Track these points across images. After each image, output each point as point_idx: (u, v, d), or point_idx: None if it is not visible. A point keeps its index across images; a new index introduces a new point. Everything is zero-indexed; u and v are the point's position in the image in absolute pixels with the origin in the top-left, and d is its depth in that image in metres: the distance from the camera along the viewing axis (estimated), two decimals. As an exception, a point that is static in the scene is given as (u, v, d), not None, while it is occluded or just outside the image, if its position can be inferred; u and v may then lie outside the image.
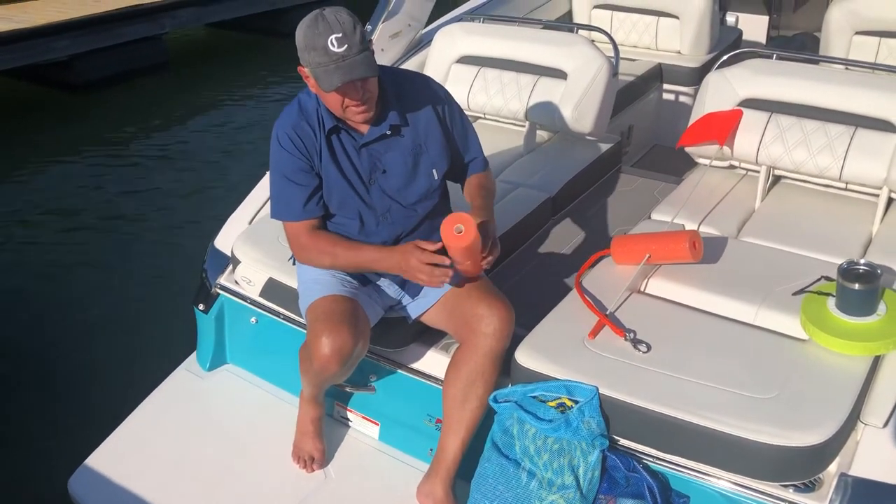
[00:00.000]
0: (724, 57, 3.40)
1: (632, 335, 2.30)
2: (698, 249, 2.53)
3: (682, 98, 4.75)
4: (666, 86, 4.80)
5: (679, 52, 4.86)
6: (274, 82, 9.06)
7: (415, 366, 2.61)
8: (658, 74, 4.75)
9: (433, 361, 2.58)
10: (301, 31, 2.17)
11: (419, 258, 2.23)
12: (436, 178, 2.47)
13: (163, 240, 5.57)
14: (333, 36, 2.12)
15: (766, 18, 6.12)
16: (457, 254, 2.22)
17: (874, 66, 3.43)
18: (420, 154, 2.43)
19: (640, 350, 2.25)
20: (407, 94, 2.42)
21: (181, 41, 10.28)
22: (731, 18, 6.00)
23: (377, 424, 2.71)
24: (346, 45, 2.12)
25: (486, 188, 2.56)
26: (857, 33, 4.23)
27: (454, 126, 2.51)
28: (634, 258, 2.59)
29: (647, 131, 4.70)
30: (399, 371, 2.63)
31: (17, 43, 8.26)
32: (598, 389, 2.15)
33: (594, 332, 2.33)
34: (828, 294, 2.33)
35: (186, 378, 3.04)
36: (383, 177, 2.40)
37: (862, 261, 2.28)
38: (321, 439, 2.64)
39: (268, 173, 3.35)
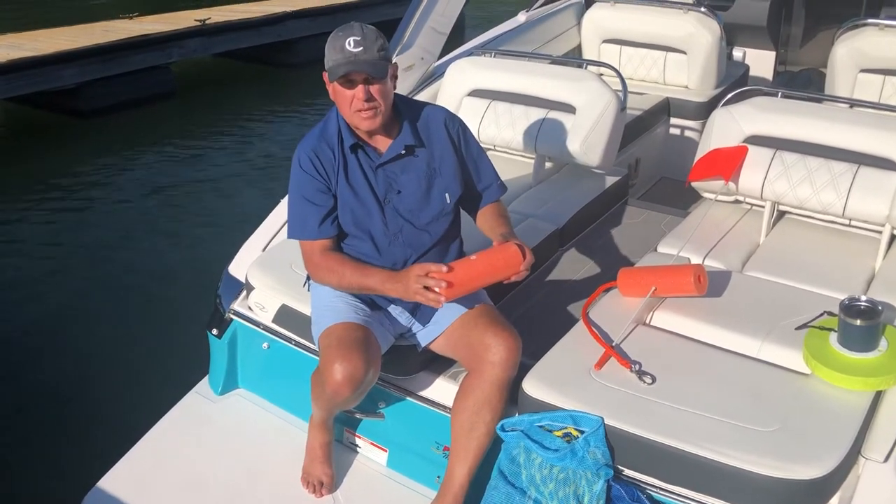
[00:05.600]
0: (730, 94, 3.46)
1: (637, 367, 2.34)
2: (703, 283, 2.58)
3: (688, 132, 4.81)
4: (673, 120, 4.87)
5: (686, 87, 4.93)
6: (280, 112, 9.18)
7: (424, 393, 2.66)
8: (665, 108, 4.82)
9: (442, 389, 2.63)
10: (329, 37, 2.35)
11: (418, 280, 2.27)
12: (448, 201, 2.55)
13: (176, 265, 5.64)
14: (352, 38, 2.30)
15: (773, 54, 6.21)
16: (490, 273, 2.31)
17: (878, 106, 3.49)
18: (434, 177, 2.52)
19: (645, 381, 2.29)
20: (423, 120, 2.52)
21: (188, 70, 10.42)
22: (738, 54, 6.09)
23: (385, 451, 2.74)
24: (361, 48, 2.30)
25: (505, 216, 2.65)
26: (862, 71, 4.30)
27: (468, 154, 2.61)
28: (640, 291, 2.65)
29: (654, 164, 4.76)
30: (408, 398, 2.68)
31: (27, 70, 8.43)
32: (603, 420, 2.19)
33: (600, 364, 2.37)
34: (830, 329, 2.38)
35: (198, 402, 3.08)
36: (398, 197, 2.49)
37: (863, 297, 2.32)
38: (330, 464, 2.68)
39: (282, 201, 3.45)
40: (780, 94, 3.28)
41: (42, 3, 14.84)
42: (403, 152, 2.48)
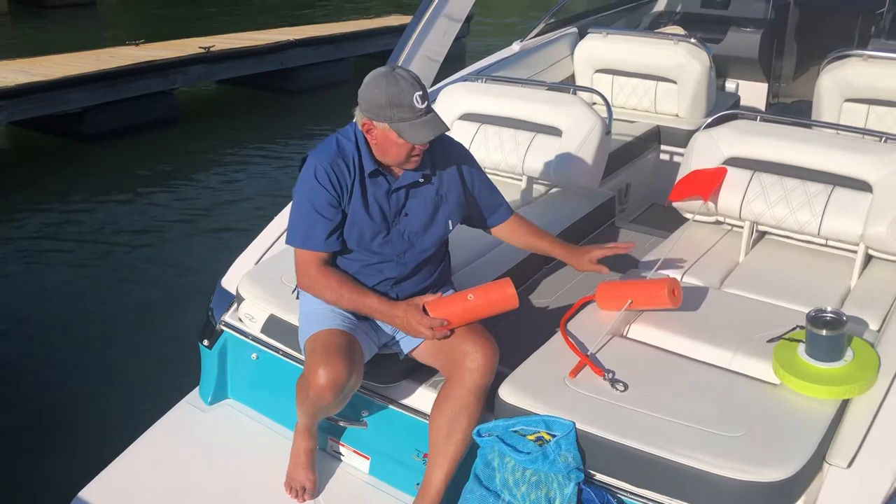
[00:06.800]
0: (710, 119, 3.56)
1: (611, 375, 2.41)
2: (677, 296, 2.66)
3: (678, 159, 4.89)
4: (664, 147, 4.97)
5: (677, 115, 5.04)
6: (281, 138, 9.32)
7: (405, 402, 2.72)
8: (656, 136, 4.92)
9: (423, 398, 2.69)
10: (380, 89, 2.36)
11: (420, 321, 2.44)
12: (450, 227, 2.66)
13: (171, 281, 5.75)
14: (417, 93, 2.36)
15: (765, 86, 6.34)
16: (486, 308, 2.50)
17: (852, 130, 3.58)
18: (440, 204, 2.62)
19: (617, 389, 2.36)
20: (435, 148, 2.60)
21: (191, 96, 10.57)
22: (731, 85, 6.22)
23: (367, 458, 2.80)
24: (426, 102, 2.38)
25: (534, 225, 2.87)
26: (847, 100, 4.40)
27: (474, 183, 2.73)
28: (617, 304, 2.72)
29: (644, 190, 4.84)
30: (390, 407, 2.74)
31: (34, 94, 8.55)
32: (574, 424, 2.25)
33: (575, 372, 2.44)
34: (799, 341, 2.45)
35: (188, 411, 3.15)
36: (405, 219, 2.58)
37: (829, 308, 2.39)
38: (313, 470, 2.74)
39: (274, 219, 3.54)
40: (758, 117, 3.37)
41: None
42: (422, 181, 2.57)
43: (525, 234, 2.86)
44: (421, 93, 2.37)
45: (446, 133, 2.48)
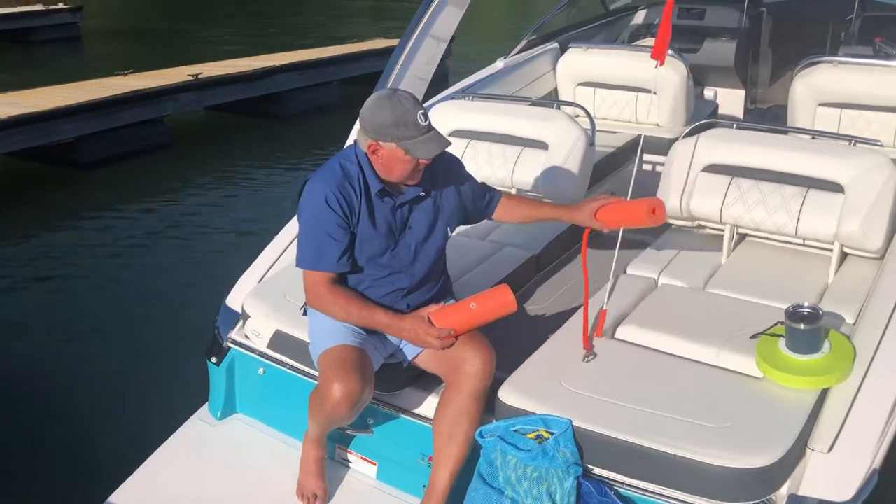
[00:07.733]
0: (689, 128, 3.71)
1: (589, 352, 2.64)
2: (658, 214, 2.79)
3: (660, 168, 5.04)
4: (646, 156, 5.11)
5: (657, 125, 5.19)
6: (270, 161, 9.46)
7: (409, 408, 2.84)
8: (638, 145, 5.06)
9: (426, 404, 2.81)
10: (385, 111, 2.50)
11: (427, 332, 2.57)
12: (449, 235, 2.82)
13: (172, 302, 5.85)
14: (420, 112, 2.52)
15: (742, 93, 6.51)
16: (487, 314, 2.63)
17: (824, 135, 3.74)
18: (439, 213, 2.77)
19: (587, 360, 2.60)
20: (434, 162, 2.71)
21: (182, 123, 10.68)
22: (709, 93, 6.40)
23: (375, 464, 2.92)
24: (428, 120, 2.54)
25: (525, 198, 3.05)
26: (820, 105, 4.56)
27: (467, 185, 2.87)
28: (613, 224, 2.90)
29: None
30: (395, 413, 2.86)
31: (26, 126, 8.64)
32: (571, 422, 2.39)
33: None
34: (779, 336, 2.59)
35: (199, 426, 3.26)
36: (410, 232, 2.72)
37: (806, 304, 2.54)
38: (323, 478, 2.85)
39: (275, 238, 3.66)
40: (735, 125, 3.53)
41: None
42: (423, 194, 2.71)
43: (523, 208, 3.01)
44: (422, 111, 2.52)
45: None
